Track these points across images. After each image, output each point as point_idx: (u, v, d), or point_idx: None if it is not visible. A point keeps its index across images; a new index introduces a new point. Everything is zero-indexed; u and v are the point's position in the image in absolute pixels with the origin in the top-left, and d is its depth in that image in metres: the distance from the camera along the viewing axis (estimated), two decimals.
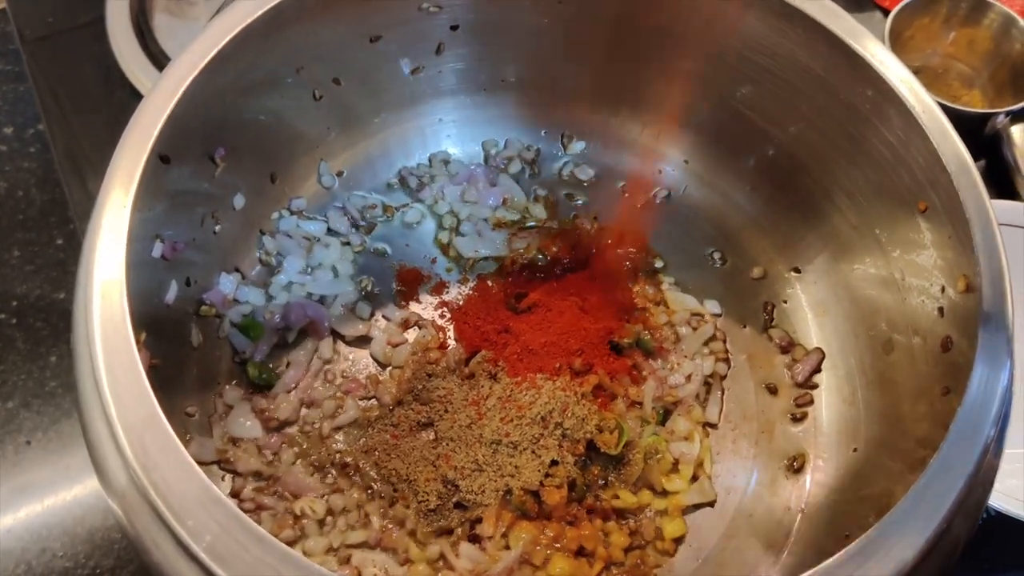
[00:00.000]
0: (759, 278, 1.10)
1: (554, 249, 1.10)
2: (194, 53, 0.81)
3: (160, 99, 0.78)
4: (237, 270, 1.02)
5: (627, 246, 1.10)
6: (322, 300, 1.04)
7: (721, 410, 1.01)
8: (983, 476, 0.69)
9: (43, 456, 1.05)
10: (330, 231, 1.09)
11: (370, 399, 0.99)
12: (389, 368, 1.02)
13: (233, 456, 0.92)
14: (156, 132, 0.76)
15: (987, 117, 1.24)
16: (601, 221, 1.13)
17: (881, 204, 0.93)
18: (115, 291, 0.69)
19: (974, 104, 1.33)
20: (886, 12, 1.38)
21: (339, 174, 1.11)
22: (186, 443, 0.88)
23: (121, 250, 0.71)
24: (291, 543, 0.88)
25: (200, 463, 0.88)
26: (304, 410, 0.98)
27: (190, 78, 0.80)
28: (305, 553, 0.88)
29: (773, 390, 1.03)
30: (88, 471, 0.67)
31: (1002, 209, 1.09)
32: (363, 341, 1.03)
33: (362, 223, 1.11)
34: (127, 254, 0.71)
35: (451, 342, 1.03)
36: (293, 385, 0.99)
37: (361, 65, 1.03)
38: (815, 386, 1.02)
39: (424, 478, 0.91)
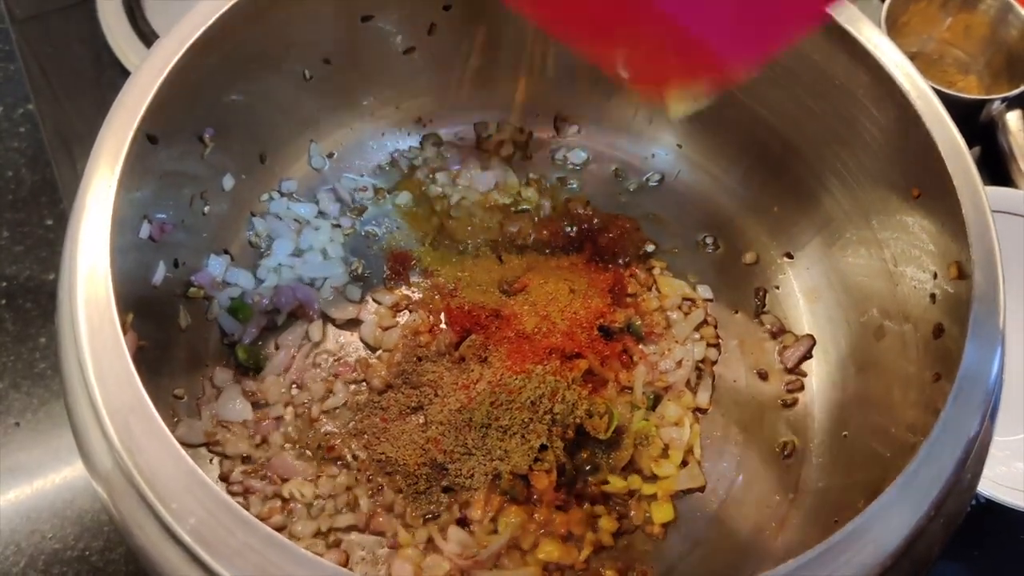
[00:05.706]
0: (751, 264, 1.10)
1: (546, 233, 1.09)
2: (182, 31, 0.80)
3: (147, 77, 0.77)
4: (226, 252, 1.01)
5: (619, 231, 1.09)
6: (312, 283, 1.03)
7: (712, 395, 1.01)
8: (973, 463, 0.69)
9: (32, 438, 1.04)
10: (320, 213, 1.08)
11: (360, 382, 0.98)
12: (379, 351, 1.01)
13: (222, 439, 0.92)
14: (142, 111, 0.75)
15: (983, 103, 1.24)
16: (594, 205, 1.12)
17: (874, 190, 0.92)
18: (100, 272, 0.68)
19: (970, 90, 1.32)
20: None
21: (330, 156, 1.11)
22: (174, 426, 0.88)
23: (106, 230, 0.70)
24: (279, 527, 0.88)
25: (188, 446, 0.88)
26: (294, 392, 0.97)
27: (177, 56, 0.79)
28: (293, 537, 0.88)
29: (764, 376, 1.02)
30: (78, 453, 0.67)
31: (996, 196, 1.08)
32: (353, 324, 1.03)
33: (353, 205, 1.10)
34: (113, 235, 0.70)
35: (442, 326, 1.03)
36: (282, 368, 0.98)
37: (352, 45, 1.02)
38: (805, 372, 1.02)
39: (413, 462, 0.90)
